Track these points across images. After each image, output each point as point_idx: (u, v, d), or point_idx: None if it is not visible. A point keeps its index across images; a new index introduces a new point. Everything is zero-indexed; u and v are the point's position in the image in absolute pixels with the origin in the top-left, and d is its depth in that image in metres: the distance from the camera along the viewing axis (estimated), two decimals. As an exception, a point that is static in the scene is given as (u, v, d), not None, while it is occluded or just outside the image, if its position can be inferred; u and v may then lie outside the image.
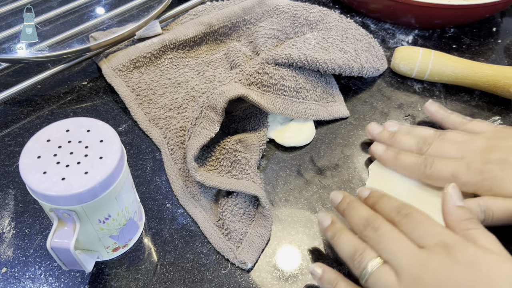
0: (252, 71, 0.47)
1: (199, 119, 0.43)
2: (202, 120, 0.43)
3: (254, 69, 0.47)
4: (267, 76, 0.47)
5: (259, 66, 0.47)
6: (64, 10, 0.61)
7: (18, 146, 0.47)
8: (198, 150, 0.41)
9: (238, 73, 0.47)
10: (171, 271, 0.38)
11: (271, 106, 0.46)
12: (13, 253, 0.39)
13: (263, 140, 0.45)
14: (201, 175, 0.41)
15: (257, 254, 0.38)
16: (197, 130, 0.42)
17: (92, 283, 0.37)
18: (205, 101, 0.44)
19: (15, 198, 0.42)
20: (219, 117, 0.43)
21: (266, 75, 0.47)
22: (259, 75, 0.47)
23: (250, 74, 0.47)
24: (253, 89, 0.46)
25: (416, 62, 0.52)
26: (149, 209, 0.42)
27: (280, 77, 0.47)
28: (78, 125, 0.33)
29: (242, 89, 0.44)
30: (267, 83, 0.47)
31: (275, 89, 0.47)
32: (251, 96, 0.44)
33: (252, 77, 0.47)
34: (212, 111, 0.43)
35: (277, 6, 0.57)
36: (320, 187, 0.44)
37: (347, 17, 0.57)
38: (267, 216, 0.40)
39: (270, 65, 0.47)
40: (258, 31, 0.56)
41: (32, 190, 0.30)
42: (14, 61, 0.51)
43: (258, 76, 0.47)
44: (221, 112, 0.42)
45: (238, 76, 0.47)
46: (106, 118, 0.50)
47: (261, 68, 0.47)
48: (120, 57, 0.53)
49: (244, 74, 0.47)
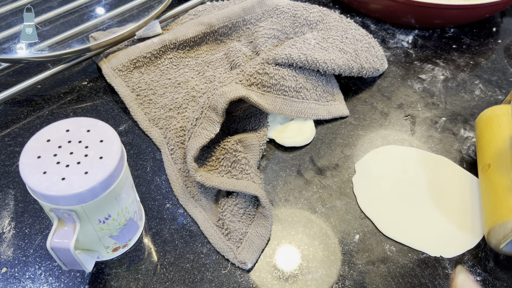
0: (253, 71, 0.47)
1: (199, 119, 0.43)
2: (203, 120, 0.43)
3: (254, 69, 0.47)
4: (268, 77, 0.47)
5: (259, 66, 0.47)
6: (64, 10, 0.61)
7: (18, 146, 0.47)
8: (198, 151, 0.41)
9: (239, 73, 0.47)
10: (171, 271, 0.38)
11: (271, 107, 0.46)
12: (13, 253, 0.39)
13: (263, 140, 0.45)
14: (201, 176, 0.41)
15: (257, 254, 0.38)
16: (197, 131, 0.42)
17: (92, 283, 0.37)
18: (205, 102, 0.44)
19: (15, 198, 0.42)
20: (220, 118, 0.43)
21: (267, 75, 0.47)
22: (260, 76, 0.47)
23: (250, 75, 0.47)
24: (253, 90, 0.46)
25: None
26: (149, 209, 0.42)
27: (281, 77, 0.47)
28: (78, 125, 0.33)
29: (243, 91, 0.44)
30: (267, 83, 0.47)
31: (275, 89, 0.47)
32: (252, 98, 0.44)
33: (252, 77, 0.47)
34: (212, 111, 0.43)
35: (277, 6, 0.57)
36: (320, 187, 0.44)
37: (347, 17, 0.57)
38: (267, 216, 0.40)
39: (271, 65, 0.47)
40: (258, 31, 0.56)
41: (32, 190, 0.30)
42: (14, 61, 0.51)
43: (259, 77, 0.47)
44: (221, 113, 0.42)
45: (239, 76, 0.47)
46: (106, 118, 0.50)
47: (262, 68, 0.47)
48: (120, 57, 0.53)
49: (244, 75, 0.47)
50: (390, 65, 0.57)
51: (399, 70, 0.57)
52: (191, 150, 0.41)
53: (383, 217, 0.41)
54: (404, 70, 0.57)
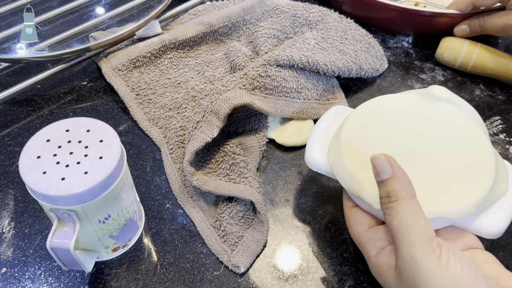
0: (256, 75, 0.47)
1: (200, 122, 0.43)
2: (203, 124, 0.43)
3: (257, 72, 0.47)
4: (270, 79, 0.47)
5: (262, 69, 0.47)
6: (64, 10, 0.61)
7: (18, 146, 0.47)
8: (193, 155, 0.41)
9: (242, 77, 0.47)
10: (171, 271, 0.38)
11: (272, 109, 0.46)
12: (13, 253, 0.38)
13: (263, 141, 0.45)
14: (197, 180, 0.41)
15: (251, 259, 0.38)
16: (196, 134, 0.42)
17: (92, 283, 0.37)
18: (208, 106, 0.43)
19: (15, 198, 0.42)
20: (220, 123, 0.43)
21: (269, 77, 0.47)
22: (262, 79, 0.47)
23: (253, 78, 0.47)
24: (256, 94, 0.46)
25: (460, 53, 0.53)
26: (149, 209, 0.42)
27: (282, 78, 0.47)
28: (78, 125, 0.33)
29: (247, 97, 0.44)
30: (269, 85, 0.47)
31: (277, 91, 0.47)
32: (255, 104, 0.44)
33: (255, 81, 0.47)
34: (214, 116, 0.43)
35: (277, 6, 0.57)
36: (321, 187, 0.44)
37: (347, 17, 0.57)
38: (263, 222, 0.39)
39: (272, 67, 0.47)
40: (258, 30, 0.56)
41: (32, 190, 0.30)
42: (14, 61, 0.51)
43: (261, 80, 0.47)
44: (223, 118, 0.42)
45: (242, 81, 0.47)
46: (106, 118, 0.50)
47: (264, 71, 0.47)
48: (120, 56, 0.53)
49: (248, 79, 0.47)
50: (390, 65, 0.57)
51: (399, 70, 0.57)
52: (187, 154, 0.41)
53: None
54: (404, 70, 0.57)
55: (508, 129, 0.50)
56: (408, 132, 0.35)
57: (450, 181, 0.32)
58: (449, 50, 0.54)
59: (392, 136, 0.35)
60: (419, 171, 0.33)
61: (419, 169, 0.33)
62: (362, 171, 0.33)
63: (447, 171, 0.33)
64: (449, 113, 0.36)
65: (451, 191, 0.32)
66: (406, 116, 0.37)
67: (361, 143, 0.35)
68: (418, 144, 0.35)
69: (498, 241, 0.40)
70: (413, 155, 0.34)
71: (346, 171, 0.34)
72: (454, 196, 0.31)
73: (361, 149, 0.35)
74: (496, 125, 0.50)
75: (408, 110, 0.37)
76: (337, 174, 0.35)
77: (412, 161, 0.33)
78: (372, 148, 0.35)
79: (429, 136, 0.35)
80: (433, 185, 0.32)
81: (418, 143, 0.35)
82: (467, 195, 0.31)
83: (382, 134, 0.35)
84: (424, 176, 0.33)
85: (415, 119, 0.36)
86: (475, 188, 0.32)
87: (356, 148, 0.35)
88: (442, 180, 0.32)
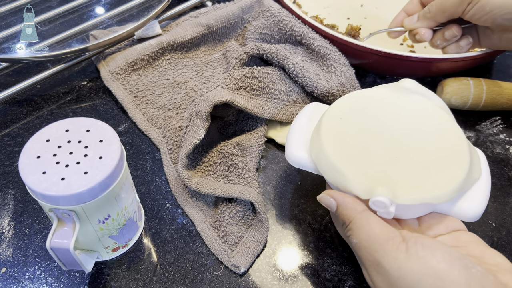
0: (241, 75, 0.47)
1: (188, 127, 0.43)
2: (190, 128, 0.43)
3: (242, 73, 0.47)
4: (256, 80, 0.46)
5: (247, 70, 0.47)
6: (64, 10, 0.61)
7: (17, 146, 0.47)
8: (185, 160, 0.41)
9: (226, 78, 0.47)
10: (171, 271, 0.38)
11: (260, 110, 0.46)
12: (13, 253, 0.38)
13: (261, 140, 0.45)
14: (195, 183, 0.41)
15: (251, 259, 0.38)
16: (185, 138, 0.43)
17: (92, 283, 0.37)
18: (193, 109, 0.44)
19: (14, 198, 0.42)
20: (205, 123, 0.42)
21: (255, 79, 0.46)
22: (248, 79, 0.46)
23: (238, 79, 0.46)
24: (241, 94, 0.46)
25: (469, 95, 0.50)
26: (149, 209, 0.42)
27: (269, 80, 0.47)
28: (78, 125, 0.33)
29: (227, 95, 0.44)
30: (256, 86, 0.46)
31: (264, 92, 0.47)
32: (238, 101, 0.44)
33: (240, 81, 0.46)
34: (198, 117, 0.43)
35: (269, 8, 0.56)
36: (321, 187, 0.44)
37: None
38: (263, 222, 0.40)
39: (260, 68, 0.47)
40: (250, 30, 0.56)
41: (32, 190, 0.30)
42: (14, 61, 0.51)
43: (247, 80, 0.46)
44: (206, 117, 0.42)
45: (226, 81, 0.46)
46: (106, 118, 0.50)
47: (250, 72, 0.47)
48: (118, 60, 0.53)
49: (232, 79, 0.46)
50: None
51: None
52: (179, 160, 0.41)
53: None
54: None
55: (508, 129, 0.50)
56: (385, 123, 0.36)
57: (430, 169, 0.33)
58: (456, 95, 0.50)
59: (370, 129, 0.36)
60: (400, 160, 0.34)
61: (400, 158, 0.34)
62: (345, 164, 0.34)
63: (426, 158, 0.34)
64: (421, 104, 0.37)
65: (432, 178, 0.33)
66: (381, 109, 0.38)
67: (342, 136, 0.36)
68: (396, 135, 0.36)
69: (498, 241, 0.40)
70: (392, 145, 0.35)
71: (330, 164, 0.34)
72: (436, 182, 0.33)
73: (342, 142, 0.35)
74: (496, 125, 0.50)
75: (382, 103, 0.38)
76: (320, 168, 0.35)
77: (392, 151, 0.34)
78: (353, 141, 0.35)
79: (406, 127, 0.36)
80: (415, 173, 0.33)
81: (396, 134, 0.36)
82: (448, 181, 0.33)
83: (360, 127, 0.36)
84: (405, 165, 0.34)
85: (390, 111, 0.37)
86: (453, 174, 0.33)
87: (337, 142, 0.35)
88: (422, 168, 0.33)
